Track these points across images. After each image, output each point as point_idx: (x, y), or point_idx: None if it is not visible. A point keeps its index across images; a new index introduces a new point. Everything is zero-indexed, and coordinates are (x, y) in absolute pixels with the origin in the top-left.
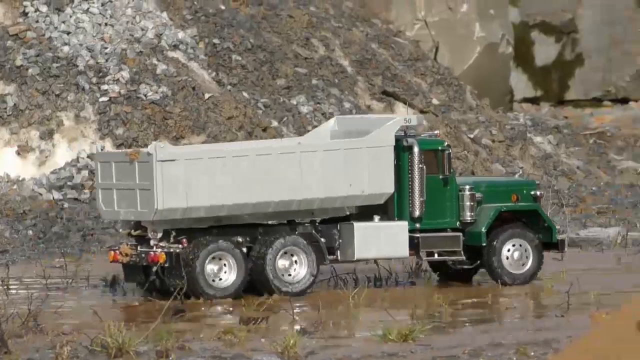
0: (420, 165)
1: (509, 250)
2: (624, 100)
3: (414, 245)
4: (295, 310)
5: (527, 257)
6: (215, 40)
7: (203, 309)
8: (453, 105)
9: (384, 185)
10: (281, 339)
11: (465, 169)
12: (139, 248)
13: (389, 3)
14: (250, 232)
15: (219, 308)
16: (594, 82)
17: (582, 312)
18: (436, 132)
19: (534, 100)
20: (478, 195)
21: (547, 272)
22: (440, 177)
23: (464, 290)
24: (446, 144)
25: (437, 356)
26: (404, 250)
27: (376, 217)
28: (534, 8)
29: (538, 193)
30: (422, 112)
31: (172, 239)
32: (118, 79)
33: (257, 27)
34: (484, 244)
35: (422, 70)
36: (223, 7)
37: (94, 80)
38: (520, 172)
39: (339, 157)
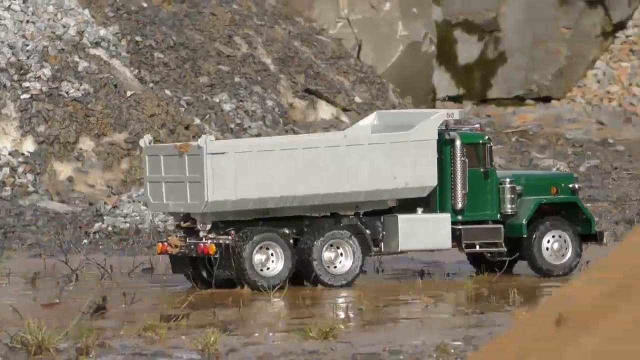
0: (463, 159)
1: (549, 242)
2: (546, 99)
3: (455, 237)
4: (216, 308)
5: (566, 248)
6: (138, 38)
7: (124, 305)
8: (376, 103)
9: (427, 178)
10: (202, 336)
11: None
12: (187, 240)
13: (312, 1)
14: (296, 224)
15: (139, 305)
16: (516, 80)
17: (502, 309)
18: (476, 125)
19: (456, 99)
20: (518, 188)
21: (467, 270)
22: (481, 170)
23: (385, 287)
24: (487, 137)
25: (358, 353)
26: (446, 242)
27: (419, 209)
28: (456, 7)
29: (576, 186)
30: (344, 110)
31: (220, 231)
32: (40, 76)
33: (180, 25)
34: (525, 235)
35: (344, 69)
36: (145, 5)
37: (16, 77)
38: (559, 165)
39: (384, 151)
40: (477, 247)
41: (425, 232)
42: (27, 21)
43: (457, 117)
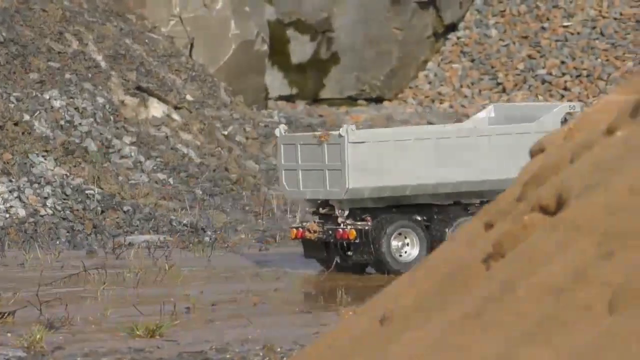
0: None
1: None
2: (379, 100)
3: None
4: (42, 305)
5: None
6: None
7: None
8: (207, 101)
9: None
10: (28, 333)
11: (218, 166)
12: (325, 226)
13: None
14: (426, 211)
15: None
16: (348, 81)
17: (330, 308)
18: None
19: (289, 98)
20: None
21: (300, 269)
22: None
23: (216, 287)
24: None
25: (184, 352)
26: None
27: None
28: (289, 6)
29: None
30: (176, 107)
31: (357, 217)
32: None
33: (10, 21)
34: None
35: (176, 67)
36: None
37: None
38: None
39: (509, 142)
40: None
41: None
42: None
43: (578, 110)
